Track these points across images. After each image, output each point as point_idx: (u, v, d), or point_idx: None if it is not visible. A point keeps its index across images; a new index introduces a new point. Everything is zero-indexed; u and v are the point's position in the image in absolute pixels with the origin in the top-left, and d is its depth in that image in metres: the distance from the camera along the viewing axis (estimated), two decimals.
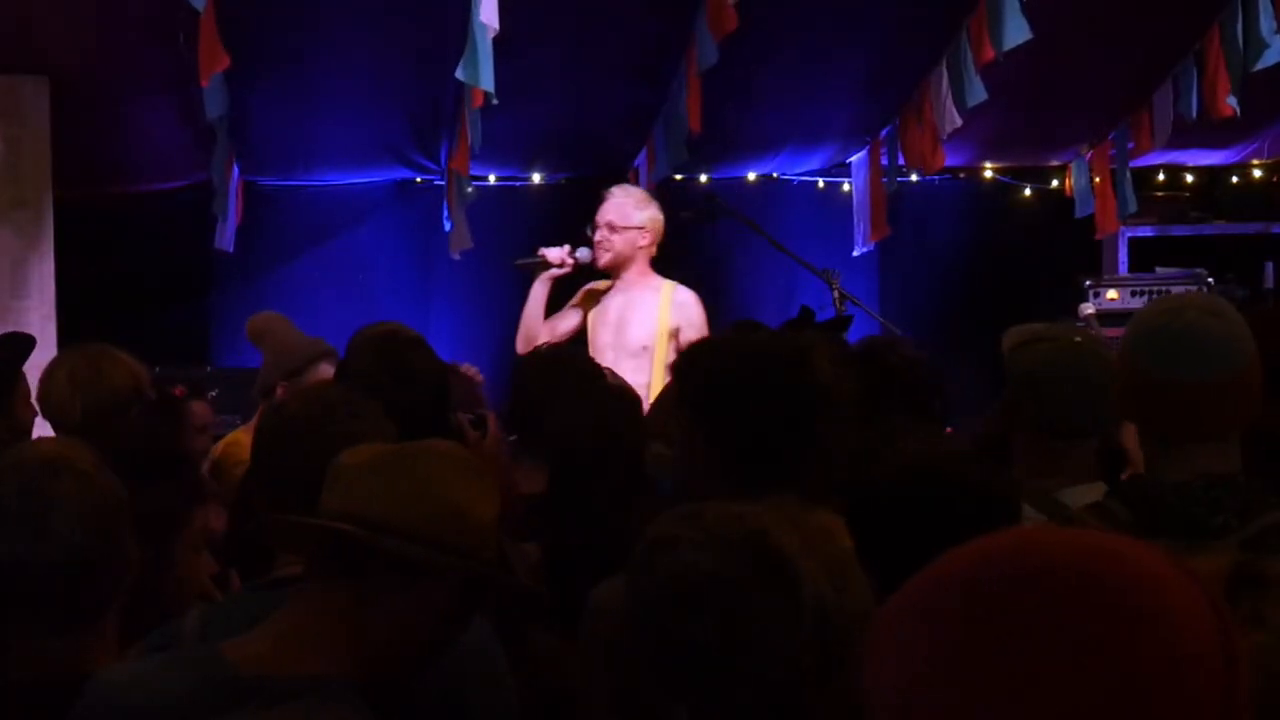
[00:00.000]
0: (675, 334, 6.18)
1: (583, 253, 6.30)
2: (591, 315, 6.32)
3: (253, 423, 4.91)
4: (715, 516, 1.67)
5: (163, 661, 2.16)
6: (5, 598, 2.38)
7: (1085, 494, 3.23)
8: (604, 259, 6.30)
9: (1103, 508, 2.63)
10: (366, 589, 2.09)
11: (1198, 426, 2.57)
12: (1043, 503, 3.21)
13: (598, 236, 6.31)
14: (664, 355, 6.05)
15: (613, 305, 6.30)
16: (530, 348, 6.26)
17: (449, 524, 2.10)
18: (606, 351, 6.01)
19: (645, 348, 6.18)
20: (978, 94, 7.09)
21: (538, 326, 6.31)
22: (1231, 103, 7.24)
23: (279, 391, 4.85)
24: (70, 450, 2.47)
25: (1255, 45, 6.95)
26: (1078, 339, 3.47)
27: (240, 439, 4.89)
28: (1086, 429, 3.29)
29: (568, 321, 6.31)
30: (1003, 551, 1.06)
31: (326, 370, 4.84)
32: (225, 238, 7.50)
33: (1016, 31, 6.49)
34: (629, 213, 6.29)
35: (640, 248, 6.30)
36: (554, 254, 6.29)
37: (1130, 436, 3.53)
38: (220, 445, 5.09)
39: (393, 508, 2.09)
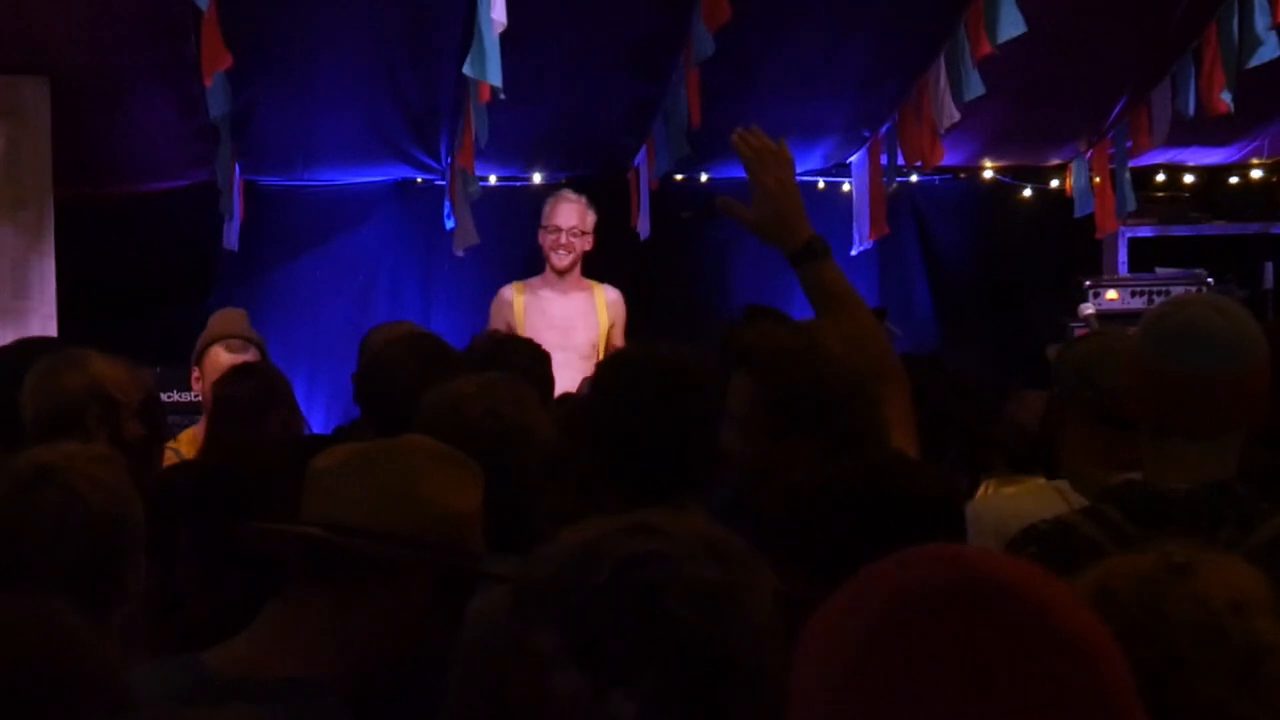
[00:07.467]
0: (609, 332, 6.54)
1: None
2: (524, 318, 6.34)
3: (197, 427, 4.96)
4: (674, 526, 1.61)
5: (147, 670, 2.17)
6: None
7: None
8: (565, 261, 6.43)
9: (1100, 514, 2.51)
10: (346, 589, 2.10)
11: (1194, 422, 2.49)
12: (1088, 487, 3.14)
13: (563, 240, 6.42)
14: (605, 354, 6.22)
15: (554, 308, 6.39)
16: None
17: (424, 519, 2.11)
18: (554, 354, 6.07)
19: (594, 347, 6.43)
20: (975, 88, 7.09)
21: None
22: (1225, 99, 7.24)
23: (194, 373, 5.12)
24: (67, 458, 2.42)
25: (1250, 41, 6.95)
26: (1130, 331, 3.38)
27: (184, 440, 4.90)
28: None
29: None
30: (926, 562, 1.10)
31: (218, 353, 5.04)
32: (231, 237, 7.56)
33: (1012, 25, 6.51)
34: (586, 217, 6.57)
35: (585, 252, 6.56)
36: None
37: None
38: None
39: (365, 507, 2.10)
